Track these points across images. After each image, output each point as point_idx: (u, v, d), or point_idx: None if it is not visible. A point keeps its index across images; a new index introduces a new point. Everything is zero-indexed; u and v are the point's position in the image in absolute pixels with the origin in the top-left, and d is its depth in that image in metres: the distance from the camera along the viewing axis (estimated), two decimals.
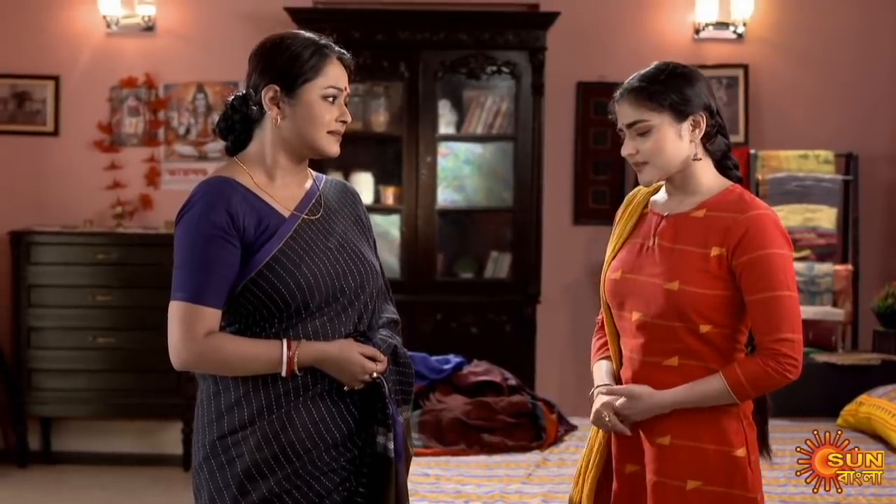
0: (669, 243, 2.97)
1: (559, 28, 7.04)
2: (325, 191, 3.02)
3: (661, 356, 2.94)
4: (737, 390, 2.85)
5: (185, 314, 2.83)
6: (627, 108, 2.98)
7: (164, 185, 7.52)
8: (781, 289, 2.86)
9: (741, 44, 7.45)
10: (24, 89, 7.51)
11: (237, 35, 7.42)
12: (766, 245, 2.86)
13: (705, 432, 2.90)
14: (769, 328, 2.85)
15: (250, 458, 2.82)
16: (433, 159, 7.08)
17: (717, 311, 2.89)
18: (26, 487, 6.92)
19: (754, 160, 7.16)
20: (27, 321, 7.16)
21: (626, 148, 2.98)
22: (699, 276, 2.89)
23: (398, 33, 7.00)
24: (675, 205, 3.02)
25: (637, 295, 2.98)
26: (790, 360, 2.84)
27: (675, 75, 2.98)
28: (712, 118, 2.98)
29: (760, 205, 2.93)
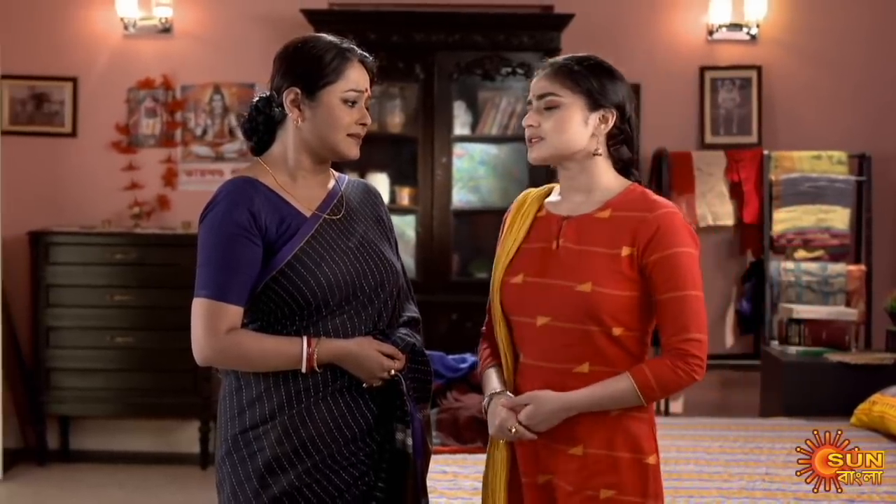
0: (576, 245, 2.88)
1: (573, 29, 7.07)
2: (346, 191, 3.07)
3: (570, 362, 2.84)
4: (645, 391, 2.78)
5: (208, 311, 2.89)
6: (545, 80, 2.91)
7: (181, 186, 7.57)
8: (689, 288, 2.80)
9: (754, 45, 7.49)
10: (43, 91, 7.57)
11: (253, 37, 7.48)
12: (676, 244, 2.81)
13: (618, 440, 2.83)
14: (677, 328, 2.79)
15: (271, 452, 2.88)
16: (448, 160, 7.12)
17: (628, 313, 2.82)
18: (45, 485, 6.98)
19: (767, 161, 7.20)
20: (46, 321, 7.21)
21: (529, 118, 2.92)
22: (611, 277, 2.81)
23: (413, 35, 7.04)
24: (576, 206, 2.93)
25: (544, 299, 2.87)
26: (698, 361, 2.79)
27: (601, 67, 2.94)
28: (623, 122, 2.91)
29: (667, 203, 2.89)
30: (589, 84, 2.88)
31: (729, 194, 7.34)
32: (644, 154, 7.45)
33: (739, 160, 7.31)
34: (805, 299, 6.94)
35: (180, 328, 7.12)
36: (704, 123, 7.51)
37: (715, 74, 7.50)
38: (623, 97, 2.92)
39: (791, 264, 7.10)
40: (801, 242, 7.16)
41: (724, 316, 7.54)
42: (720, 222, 7.36)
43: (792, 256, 7.16)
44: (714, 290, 7.53)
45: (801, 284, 7.02)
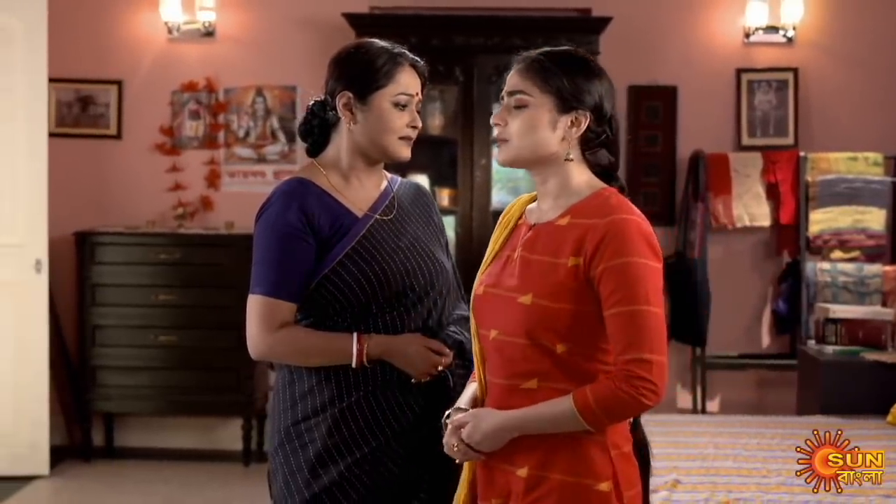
0: (528, 254, 2.68)
1: (611, 32, 7.14)
2: (398, 192, 3.16)
3: (518, 378, 2.64)
4: (585, 414, 2.53)
5: (263, 307, 2.99)
6: (516, 76, 2.70)
7: (223, 187, 7.67)
8: (641, 303, 2.52)
9: (791, 47, 7.54)
10: (89, 94, 7.69)
11: (295, 40, 7.58)
12: (627, 253, 2.53)
13: (563, 463, 2.59)
14: (625, 347, 2.52)
15: (321, 444, 2.97)
16: (487, 161, 7.20)
17: (574, 329, 2.58)
18: (91, 481, 7.08)
19: (804, 162, 7.25)
20: (91, 319, 7.32)
21: (496, 116, 2.73)
22: (553, 289, 2.59)
23: (453, 38, 7.13)
24: (543, 213, 2.72)
25: (495, 311, 2.70)
26: (647, 385, 2.50)
27: (576, 64, 2.69)
28: (599, 125, 2.69)
29: (626, 209, 2.61)
30: (559, 83, 2.64)
31: (765, 195, 7.40)
32: (681, 156, 7.53)
33: (776, 161, 7.36)
34: (841, 300, 6.99)
35: (223, 327, 7.32)
36: (741, 125, 7.56)
37: (751, 77, 7.55)
38: (600, 97, 2.68)
39: (827, 265, 7.15)
40: (838, 243, 7.21)
41: (760, 316, 7.60)
42: (757, 223, 7.42)
43: (828, 257, 7.21)
44: (750, 291, 7.60)
45: (837, 285, 7.07)
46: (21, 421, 6.93)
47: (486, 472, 2.74)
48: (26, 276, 6.95)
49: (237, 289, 7.16)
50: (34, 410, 6.96)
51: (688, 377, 7.60)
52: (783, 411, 6.80)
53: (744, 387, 7.59)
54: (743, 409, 7.20)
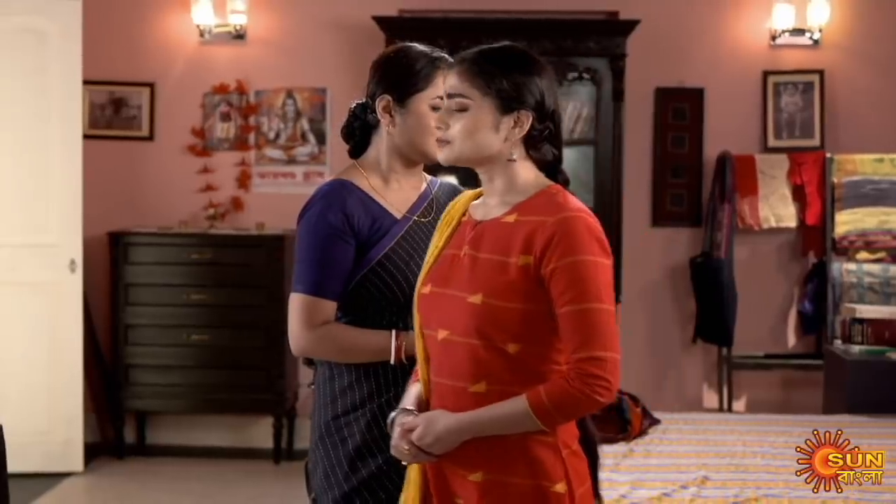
0: (476, 252, 2.65)
1: (638, 35, 7.20)
2: (437, 194, 3.22)
3: (467, 380, 2.60)
4: (539, 413, 2.51)
5: (304, 305, 3.05)
6: (455, 77, 2.66)
7: (254, 188, 7.76)
8: (592, 301, 2.51)
9: (817, 49, 7.58)
10: (122, 96, 7.78)
11: (325, 43, 7.66)
12: (577, 251, 2.52)
13: (517, 466, 2.57)
14: (578, 345, 2.50)
15: (360, 438, 3.04)
16: None
17: (525, 328, 2.56)
18: (124, 478, 7.17)
19: (830, 164, 7.30)
20: (124, 319, 7.40)
21: (437, 119, 2.72)
22: (504, 287, 2.56)
23: (482, 41, 7.09)
24: (489, 210, 2.70)
25: (443, 311, 2.65)
26: (600, 382, 2.49)
27: (516, 62, 2.64)
28: (542, 122, 2.65)
29: (574, 206, 2.59)
30: (500, 84, 2.60)
31: (791, 197, 7.45)
32: (708, 157, 7.58)
33: (802, 163, 7.41)
34: (867, 300, 7.04)
35: (254, 326, 7.41)
36: (767, 127, 7.61)
37: (778, 79, 7.60)
38: (541, 94, 2.63)
39: (853, 265, 7.20)
40: (863, 244, 7.25)
41: (786, 316, 7.66)
42: (783, 224, 7.47)
43: (854, 258, 7.25)
44: (776, 291, 7.65)
45: (862, 285, 7.12)
46: (56, 419, 7.02)
47: (438, 476, 2.70)
48: (61, 276, 7.05)
49: (268, 289, 7.29)
50: (69, 408, 7.05)
51: (714, 377, 7.65)
52: (809, 411, 6.84)
53: (770, 386, 7.64)
54: (769, 409, 7.25)
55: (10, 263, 7.00)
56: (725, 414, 7.12)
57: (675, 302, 7.70)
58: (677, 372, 7.73)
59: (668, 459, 4.87)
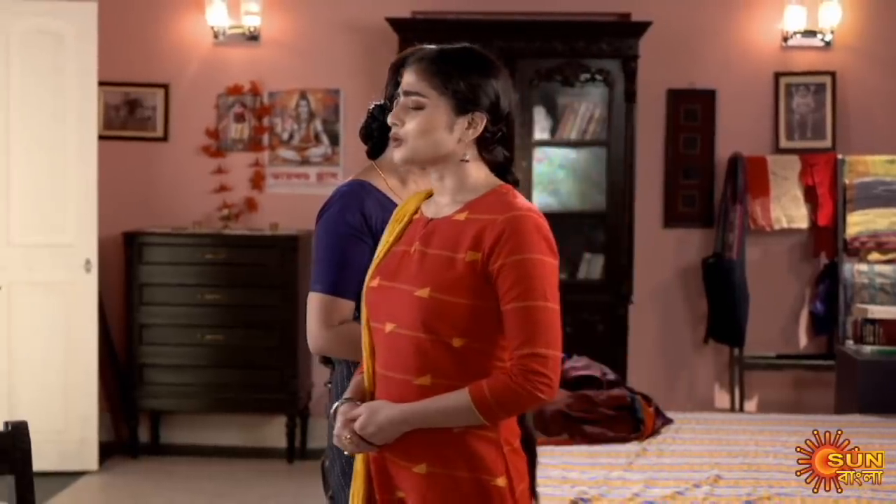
0: (426, 248, 2.68)
1: (650, 37, 7.24)
2: None
3: (411, 373, 2.63)
4: (481, 407, 2.54)
5: (322, 304, 3.08)
6: (413, 75, 2.69)
7: (268, 189, 7.80)
8: (538, 298, 2.54)
9: (829, 51, 7.61)
10: (136, 97, 7.83)
11: (339, 44, 7.70)
12: (524, 249, 2.55)
13: (459, 459, 2.60)
14: (521, 341, 2.53)
15: None
16: (528, 164, 7.30)
17: (471, 323, 2.59)
18: (138, 477, 7.22)
19: (842, 165, 7.32)
20: (139, 318, 7.45)
21: (393, 115, 2.72)
22: (451, 283, 2.59)
23: (495, 42, 7.17)
24: (440, 208, 2.73)
25: (391, 304, 2.68)
26: (542, 378, 2.52)
27: (474, 64, 2.69)
28: (496, 124, 2.68)
29: (523, 206, 2.62)
30: (456, 85, 2.64)
31: (803, 198, 7.47)
32: (720, 158, 7.62)
33: (814, 164, 7.44)
34: (878, 301, 7.07)
35: (268, 326, 7.45)
36: (779, 128, 7.64)
37: (790, 80, 7.63)
38: (496, 96, 2.68)
39: (864, 266, 7.23)
40: (875, 245, 7.27)
41: (797, 317, 7.69)
42: (794, 225, 7.49)
43: (865, 259, 7.27)
44: (788, 292, 7.68)
45: (874, 286, 7.15)
46: (71, 418, 7.07)
47: (381, 466, 2.71)
48: (76, 276, 7.09)
49: (281, 289, 7.34)
50: (84, 407, 7.10)
51: (726, 377, 7.68)
52: (820, 411, 6.87)
53: (781, 387, 7.67)
54: (780, 409, 7.27)
55: (27, 263, 7.04)
56: (737, 414, 7.15)
57: (686, 302, 7.73)
58: (689, 372, 7.77)
59: (681, 458, 4.91)
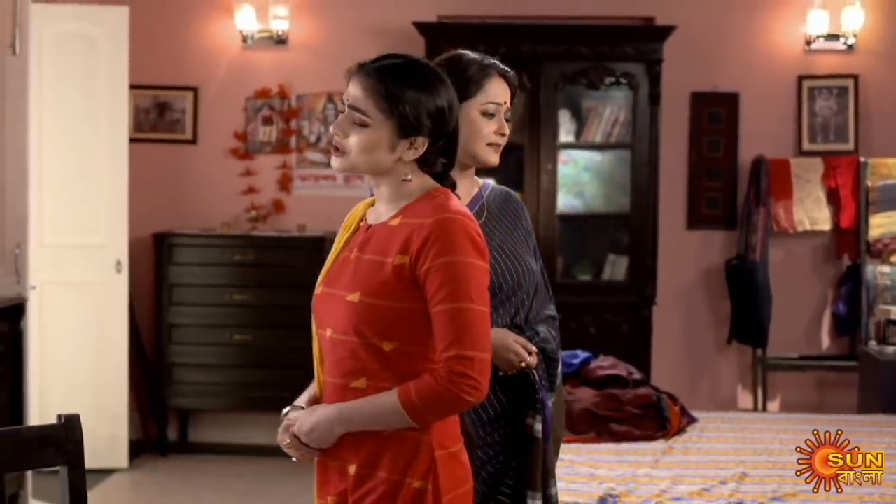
0: (362, 254, 2.70)
1: (674, 40, 7.30)
2: (489, 198, 3.31)
3: (349, 377, 2.65)
4: (410, 409, 2.55)
5: None
6: (359, 89, 2.66)
7: (295, 191, 7.88)
8: (464, 300, 2.55)
9: (851, 55, 7.67)
10: (166, 100, 7.92)
11: (366, 48, 7.66)
12: (451, 252, 2.57)
13: (382, 460, 2.62)
14: (448, 343, 2.54)
15: None
16: (554, 166, 7.37)
17: (400, 327, 2.60)
18: (167, 475, 7.30)
19: (864, 168, 7.38)
20: (168, 318, 7.54)
21: (336, 126, 2.69)
22: (380, 287, 2.61)
23: (520, 46, 7.28)
24: (380, 214, 2.75)
25: (329, 310, 2.71)
26: (468, 381, 2.53)
27: (420, 82, 2.67)
28: (436, 143, 2.70)
29: (452, 209, 2.63)
30: (401, 108, 2.63)
31: (826, 200, 7.53)
32: (743, 161, 7.68)
33: (836, 167, 7.50)
34: None
35: (295, 326, 7.55)
36: (802, 131, 7.70)
37: (812, 83, 7.69)
38: (441, 113, 2.69)
39: (887, 268, 7.28)
40: None
41: (820, 318, 7.74)
42: (817, 227, 7.55)
43: (888, 260, 7.32)
44: (811, 293, 7.74)
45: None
46: (102, 416, 7.15)
47: (321, 469, 2.73)
48: (107, 276, 7.20)
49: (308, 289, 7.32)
50: (114, 406, 7.20)
51: (748, 378, 7.74)
52: (843, 412, 6.91)
53: (804, 387, 7.73)
54: (803, 410, 7.31)
55: (59, 264, 7.14)
56: (762, 413, 7.21)
57: (710, 303, 7.79)
58: (712, 373, 7.83)
59: (707, 456, 4.97)
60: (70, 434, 2.67)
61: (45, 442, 2.58)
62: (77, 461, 2.62)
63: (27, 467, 2.60)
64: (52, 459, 2.61)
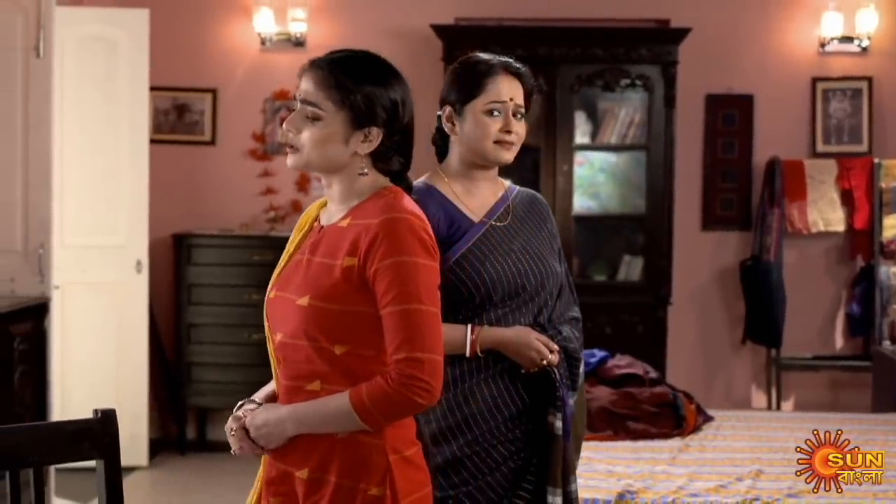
0: (312, 256, 2.66)
1: (689, 43, 7.35)
2: (514, 200, 3.38)
3: (302, 380, 2.61)
4: (360, 411, 2.51)
5: None
6: (311, 84, 2.65)
7: (313, 192, 7.93)
8: (413, 301, 2.51)
9: (865, 57, 7.72)
10: (185, 101, 7.99)
11: (383, 50, 7.66)
12: (399, 252, 2.52)
13: (336, 465, 2.58)
14: (398, 345, 2.51)
15: (436, 426, 3.21)
16: (569, 168, 7.43)
17: (351, 330, 2.57)
18: (186, 473, 7.37)
19: (878, 169, 7.42)
20: (187, 318, 7.62)
21: (288, 121, 2.68)
22: (328, 290, 2.56)
23: (537, 48, 7.32)
24: (331, 215, 2.72)
25: (280, 314, 2.67)
26: (419, 383, 2.49)
27: (373, 74, 2.65)
28: (392, 136, 2.66)
29: (400, 208, 2.58)
30: (354, 100, 2.60)
31: (840, 201, 7.58)
32: (757, 162, 7.73)
33: (850, 168, 7.54)
34: None
35: None
36: (816, 133, 7.75)
37: (827, 85, 7.74)
38: (395, 106, 2.65)
39: None
40: None
41: (834, 318, 7.79)
42: (831, 228, 7.60)
43: None
44: (825, 294, 7.78)
45: None
46: (122, 414, 6.99)
47: (270, 472, 2.72)
48: (128, 276, 7.27)
49: None
50: (134, 405, 7.26)
51: (763, 378, 7.79)
52: (857, 411, 6.96)
53: (818, 387, 7.77)
54: (817, 409, 7.34)
55: (80, 264, 7.21)
56: (776, 412, 7.26)
57: (724, 304, 7.85)
58: (727, 372, 7.88)
59: (723, 454, 5.03)
60: (106, 428, 2.74)
61: (81, 436, 2.66)
62: (113, 455, 2.69)
63: (64, 460, 2.66)
64: (88, 453, 2.68)
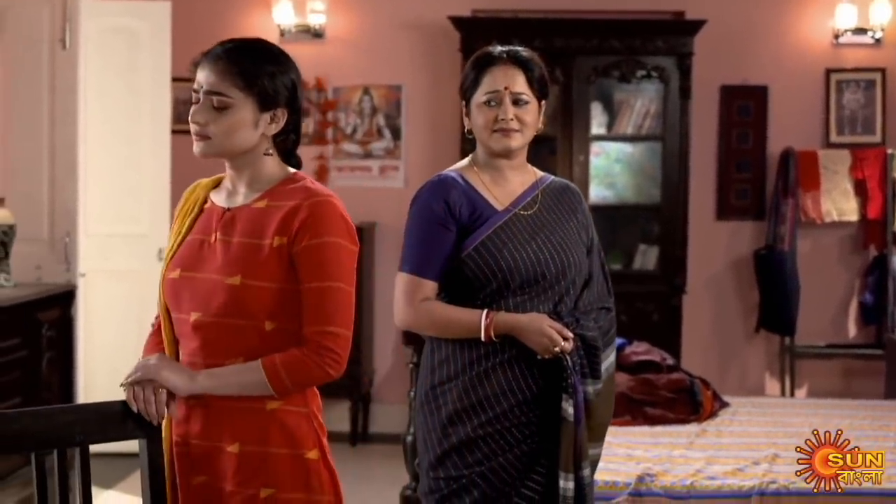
0: (230, 237, 2.74)
1: (704, 34, 7.42)
2: (544, 189, 3.47)
3: (223, 357, 2.69)
4: (272, 379, 2.63)
5: (408, 284, 3.37)
6: (213, 74, 2.75)
7: (332, 182, 8.00)
8: (334, 279, 2.67)
9: (879, 48, 7.79)
10: None
11: (402, 41, 7.92)
12: (324, 233, 2.68)
13: (273, 435, 2.69)
14: (316, 319, 2.66)
15: (452, 407, 3.33)
16: (586, 158, 7.52)
17: (281, 307, 2.67)
18: None
19: (891, 160, 7.50)
20: None
21: (195, 114, 2.78)
22: (260, 268, 2.67)
23: (554, 40, 7.40)
24: (236, 198, 2.81)
25: (195, 294, 2.72)
26: (332, 355, 2.67)
27: (272, 59, 2.76)
28: (292, 116, 2.82)
29: (324, 192, 2.77)
30: (261, 84, 2.72)
31: (853, 191, 7.65)
32: (771, 153, 7.81)
33: (864, 158, 7.61)
34: None
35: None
36: (830, 123, 7.83)
37: (840, 76, 7.81)
38: (294, 88, 2.80)
39: None
40: None
41: (847, 307, 7.87)
42: (844, 218, 7.68)
43: None
44: (838, 283, 7.86)
45: None
46: None
47: (184, 449, 2.77)
48: (150, 265, 7.31)
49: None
50: None
51: (776, 366, 7.87)
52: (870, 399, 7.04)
53: (831, 375, 7.85)
54: (830, 397, 7.41)
55: (103, 252, 7.27)
56: (791, 398, 7.34)
57: (738, 293, 7.92)
58: (740, 360, 7.96)
59: (740, 439, 5.13)
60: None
61: (126, 415, 2.72)
62: (155, 435, 2.75)
63: (111, 439, 2.72)
64: (132, 433, 2.74)
